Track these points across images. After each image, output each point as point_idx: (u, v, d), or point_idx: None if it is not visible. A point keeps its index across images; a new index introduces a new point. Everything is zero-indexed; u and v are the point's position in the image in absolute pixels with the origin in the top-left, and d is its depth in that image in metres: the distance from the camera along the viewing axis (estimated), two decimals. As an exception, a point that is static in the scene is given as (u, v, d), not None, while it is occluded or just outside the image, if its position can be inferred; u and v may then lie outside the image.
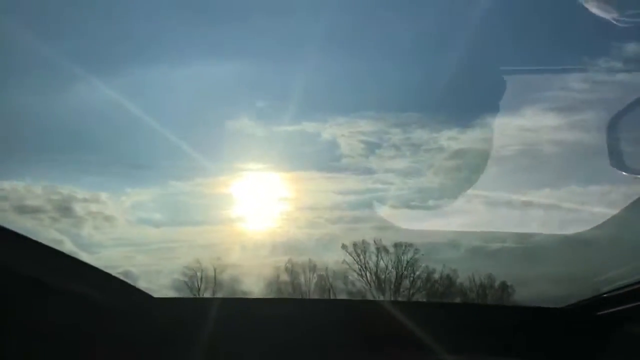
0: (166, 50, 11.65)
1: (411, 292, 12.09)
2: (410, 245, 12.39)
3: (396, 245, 12.51)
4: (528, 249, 11.66)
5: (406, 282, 12.34)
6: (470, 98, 11.20)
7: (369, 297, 13.69)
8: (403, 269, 12.51)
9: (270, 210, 13.65)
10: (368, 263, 12.61)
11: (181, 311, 1.33)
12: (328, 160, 14.18)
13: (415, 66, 10.66)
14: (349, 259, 12.84)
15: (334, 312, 1.39)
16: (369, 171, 13.69)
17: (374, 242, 12.58)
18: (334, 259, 13.13)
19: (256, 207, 13.25)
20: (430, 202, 12.77)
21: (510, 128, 11.59)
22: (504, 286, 11.72)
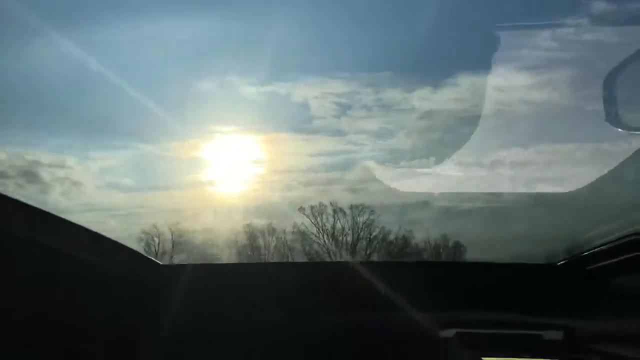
0: (132, 6, 11.20)
1: (368, 252, 12.50)
2: (367, 207, 13.00)
3: (352, 207, 12.91)
4: (497, 208, 11.88)
5: (362, 243, 12.73)
6: (442, 57, 11.13)
7: (327, 259, 14.13)
8: (359, 230, 13.02)
9: (242, 173, 13.48)
10: (325, 225, 12.97)
11: (188, 278, 1.31)
12: (300, 122, 14.05)
13: (386, 25, 10.47)
14: (306, 221, 13.08)
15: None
16: (341, 133, 13.65)
17: (330, 204, 12.89)
18: (301, 221, 13.36)
19: (228, 170, 13.07)
20: (402, 163, 12.86)
21: (481, 88, 11.67)
22: (457, 245, 12.13)
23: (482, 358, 1.75)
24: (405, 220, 12.81)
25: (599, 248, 1.09)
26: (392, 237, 12.81)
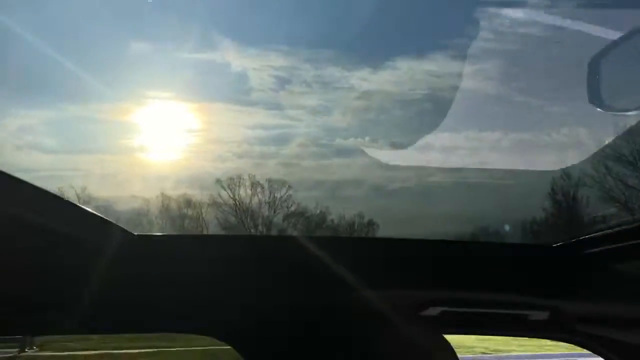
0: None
1: (284, 226, 12.58)
2: (284, 182, 12.73)
3: (270, 181, 12.91)
4: (425, 188, 12.32)
5: (279, 217, 12.81)
6: (382, 40, 11.25)
7: (243, 232, 14.08)
8: (276, 205, 12.99)
9: (175, 141, 13.10)
10: (243, 198, 12.91)
11: (163, 248, 1.25)
12: (238, 93, 13.77)
13: (330, 3, 10.42)
14: (223, 193, 12.95)
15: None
16: (278, 107, 13.53)
17: (249, 177, 12.84)
18: (230, 194, 13.22)
19: (160, 137, 12.64)
20: (338, 141, 13.02)
21: (418, 72, 11.92)
22: (371, 223, 12.42)
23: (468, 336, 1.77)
24: (337, 196, 13.00)
25: (598, 233, 1.14)
26: (309, 213, 12.87)
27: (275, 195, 13.12)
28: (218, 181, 13.29)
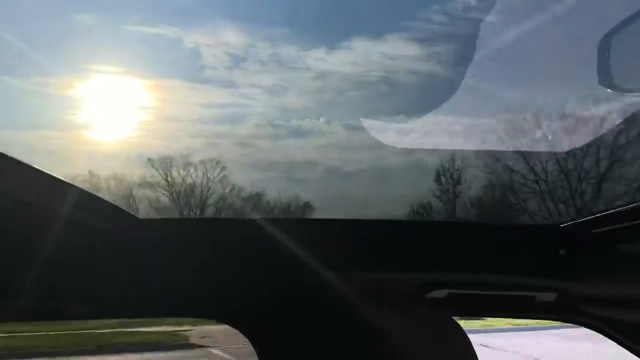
0: None
1: (218, 207, 12.48)
2: (219, 161, 12.64)
3: (204, 162, 12.72)
4: (379, 170, 12.43)
5: (213, 198, 12.70)
6: (338, 20, 11.16)
7: (176, 215, 13.89)
8: (210, 185, 12.87)
9: (123, 118, 12.66)
10: (175, 179, 12.72)
11: (168, 232, 1.21)
12: (190, 70, 13.39)
13: (286, -21, 10.22)
14: (154, 173, 12.74)
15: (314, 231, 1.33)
16: (233, 85, 13.25)
17: (181, 156, 12.62)
18: (188, 173, 12.95)
19: (108, 113, 12.18)
20: (293, 122, 12.91)
21: (374, 54, 11.92)
22: (307, 204, 12.44)
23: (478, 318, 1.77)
24: (292, 178, 12.96)
25: (607, 212, 1.11)
26: (244, 194, 12.74)
27: (198, 175, 12.95)
28: (166, 160, 13.00)
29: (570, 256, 1.21)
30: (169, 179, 12.86)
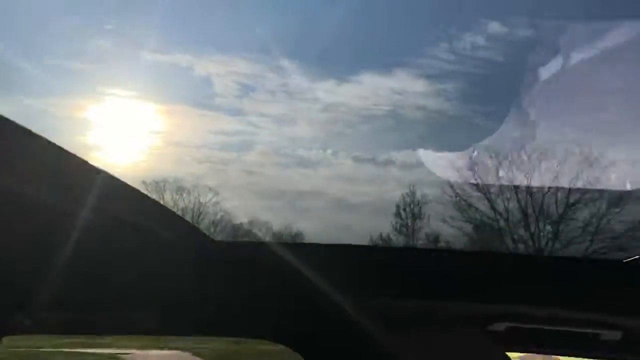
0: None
1: (211, 231, 12.43)
2: (210, 188, 12.64)
3: (196, 187, 12.75)
4: (384, 203, 12.44)
5: (205, 222, 12.67)
6: (348, 54, 11.33)
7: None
8: (201, 210, 12.81)
9: (133, 142, 12.75)
10: (168, 202, 12.67)
11: (242, 255, 1.22)
12: (200, 97, 13.54)
13: (298, 14, 10.42)
14: (160, 197, 12.78)
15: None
16: (242, 113, 13.39)
17: (175, 181, 12.61)
18: (190, 199, 12.94)
19: (118, 136, 12.27)
20: (300, 152, 12.99)
21: (382, 88, 12.08)
22: (299, 233, 12.21)
23: (533, 355, 1.68)
24: (297, 207, 12.94)
25: None
26: (237, 220, 12.62)
27: (190, 200, 12.94)
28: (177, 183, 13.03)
29: (637, 294, 1.15)
30: (178, 204, 12.87)
